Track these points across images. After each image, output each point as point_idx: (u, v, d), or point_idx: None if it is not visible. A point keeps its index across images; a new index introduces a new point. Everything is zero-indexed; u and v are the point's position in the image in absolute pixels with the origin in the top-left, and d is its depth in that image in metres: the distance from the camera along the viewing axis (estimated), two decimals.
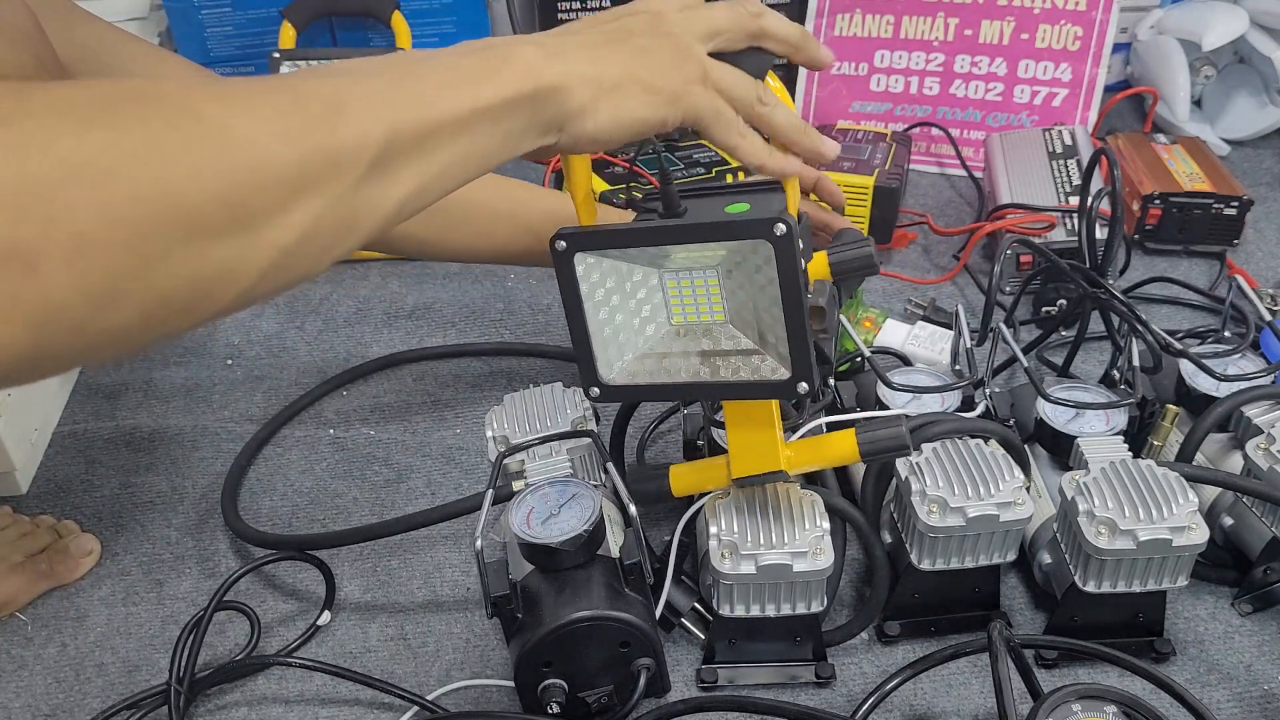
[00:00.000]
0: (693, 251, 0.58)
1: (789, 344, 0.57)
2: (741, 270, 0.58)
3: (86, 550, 0.85)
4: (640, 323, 0.61)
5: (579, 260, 0.57)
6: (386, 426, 0.99)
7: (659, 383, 0.62)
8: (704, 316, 0.61)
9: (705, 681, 0.73)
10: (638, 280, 0.60)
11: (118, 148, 0.34)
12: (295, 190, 0.39)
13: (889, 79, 1.39)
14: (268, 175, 0.38)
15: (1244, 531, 0.77)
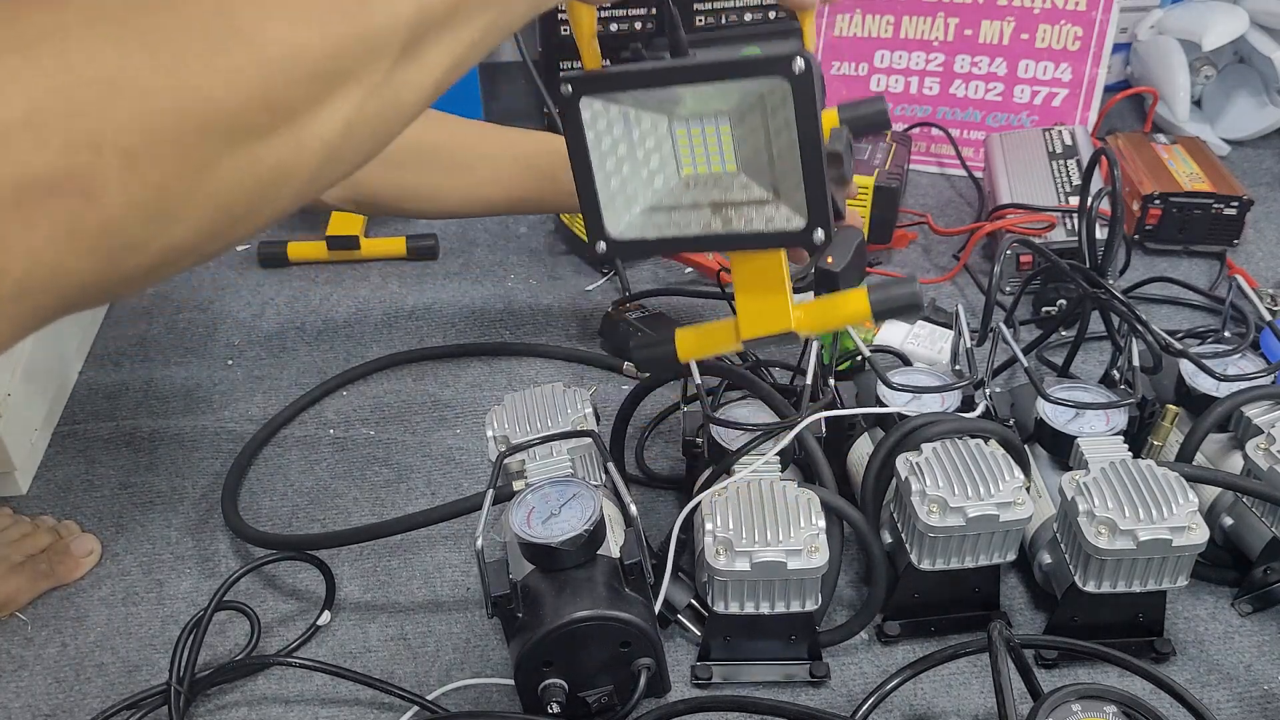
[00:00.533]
0: (704, 96, 0.55)
1: (805, 189, 0.54)
2: (755, 114, 0.55)
3: (87, 550, 0.85)
4: (649, 174, 0.59)
5: (585, 106, 0.55)
6: (386, 426, 0.99)
7: (668, 236, 0.59)
8: (715, 167, 0.59)
9: (700, 678, 0.73)
10: (645, 129, 0.58)
11: (156, 60, 0.34)
12: (333, 81, 0.39)
13: (889, 79, 1.39)
14: (304, 70, 0.38)
15: (1244, 531, 0.77)
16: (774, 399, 0.77)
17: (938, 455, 0.72)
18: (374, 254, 1.23)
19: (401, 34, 0.41)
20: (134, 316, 1.15)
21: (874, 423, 0.83)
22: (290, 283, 1.20)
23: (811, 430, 0.76)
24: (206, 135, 0.35)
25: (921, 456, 0.72)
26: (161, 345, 1.11)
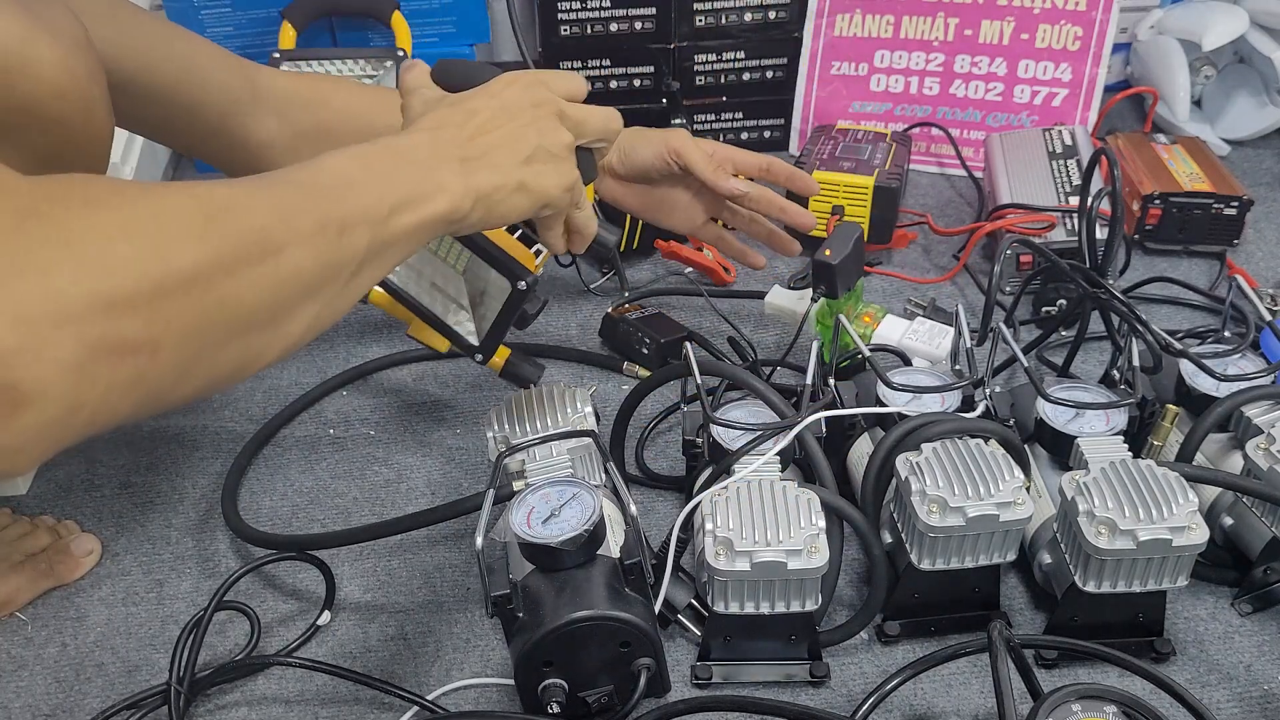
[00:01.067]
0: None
1: (488, 333, 0.81)
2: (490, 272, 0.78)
3: (87, 550, 0.85)
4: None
5: None
6: (386, 426, 0.99)
7: (403, 289, 0.80)
8: (450, 259, 0.82)
9: (700, 678, 0.73)
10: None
11: (215, 265, 0.45)
12: (312, 293, 0.51)
13: (889, 79, 1.39)
14: (299, 285, 0.50)
15: (1244, 531, 0.77)
16: (773, 399, 0.77)
17: (938, 455, 0.72)
18: None
19: (358, 259, 0.54)
20: None
21: (874, 423, 0.83)
22: None
23: (811, 430, 0.76)
24: (233, 326, 0.47)
25: (921, 456, 0.72)
26: None
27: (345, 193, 0.54)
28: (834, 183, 1.16)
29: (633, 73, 1.37)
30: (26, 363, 0.38)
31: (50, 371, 0.39)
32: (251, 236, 0.47)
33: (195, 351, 0.45)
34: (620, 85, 1.38)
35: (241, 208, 0.48)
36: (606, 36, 1.35)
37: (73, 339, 0.39)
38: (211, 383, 0.48)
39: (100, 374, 0.40)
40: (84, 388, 0.40)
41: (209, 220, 0.46)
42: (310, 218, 0.51)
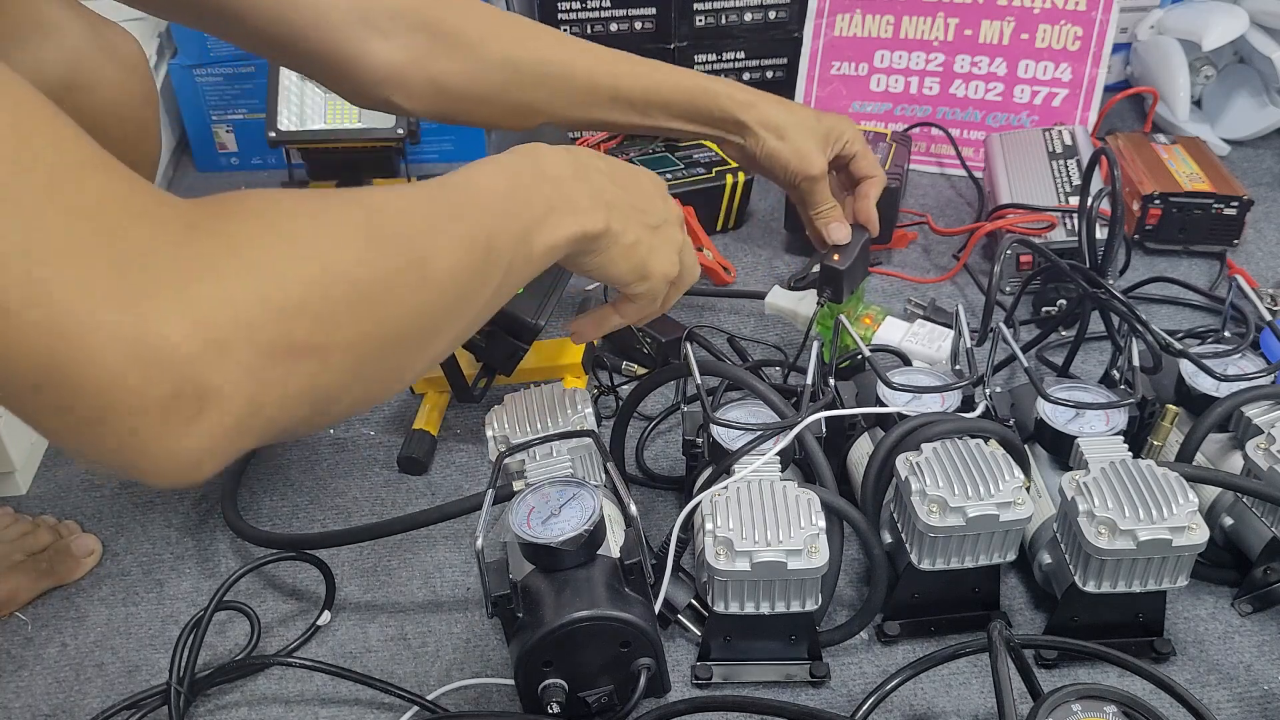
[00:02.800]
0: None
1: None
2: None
3: (87, 550, 0.85)
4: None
5: None
6: (386, 426, 0.99)
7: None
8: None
9: (700, 678, 0.73)
10: None
11: (374, 275, 0.46)
12: (458, 307, 0.52)
13: (889, 79, 1.39)
14: (449, 297, 0.51)
15: (1244, 531, 0.77)
16: (774, 399, 0.77)
17: (938, 455, 0.72)
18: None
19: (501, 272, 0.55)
20: None
21: (874, 423, 0.83)
22: None
23: (811, 430, 0.76)
24: (387, 337, 0.47)
25: (921, 456, 0.72)
26: None
27: (494, 208, 0.55)
28: None
29: None
30: (208, 366, 0.39)
31: (230, 375, 0.39)
32: (408, 246, 0.48)
33: (359, 360, 0.45)
34: None
35: (398, 219, 0.49)
36: (606, 36, 1.35)
37: (249, 343, 0.40)
38: (369, 395, 0.49)
39: (276, 378, 0.41)
40: (262, 391, 0.41)
41: (370, 230, 0.47)
42: (462, 231, 0.52)
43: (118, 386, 0.37)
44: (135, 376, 0.37)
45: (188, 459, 0.39)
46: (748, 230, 1.27)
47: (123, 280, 0.37)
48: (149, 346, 0.37)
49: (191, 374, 0.38)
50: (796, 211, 0.98)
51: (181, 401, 0.38)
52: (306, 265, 0.43)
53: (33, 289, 0.35)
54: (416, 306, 0.49)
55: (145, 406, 0.38)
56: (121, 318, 0.37)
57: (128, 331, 0.37)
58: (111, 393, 0.37)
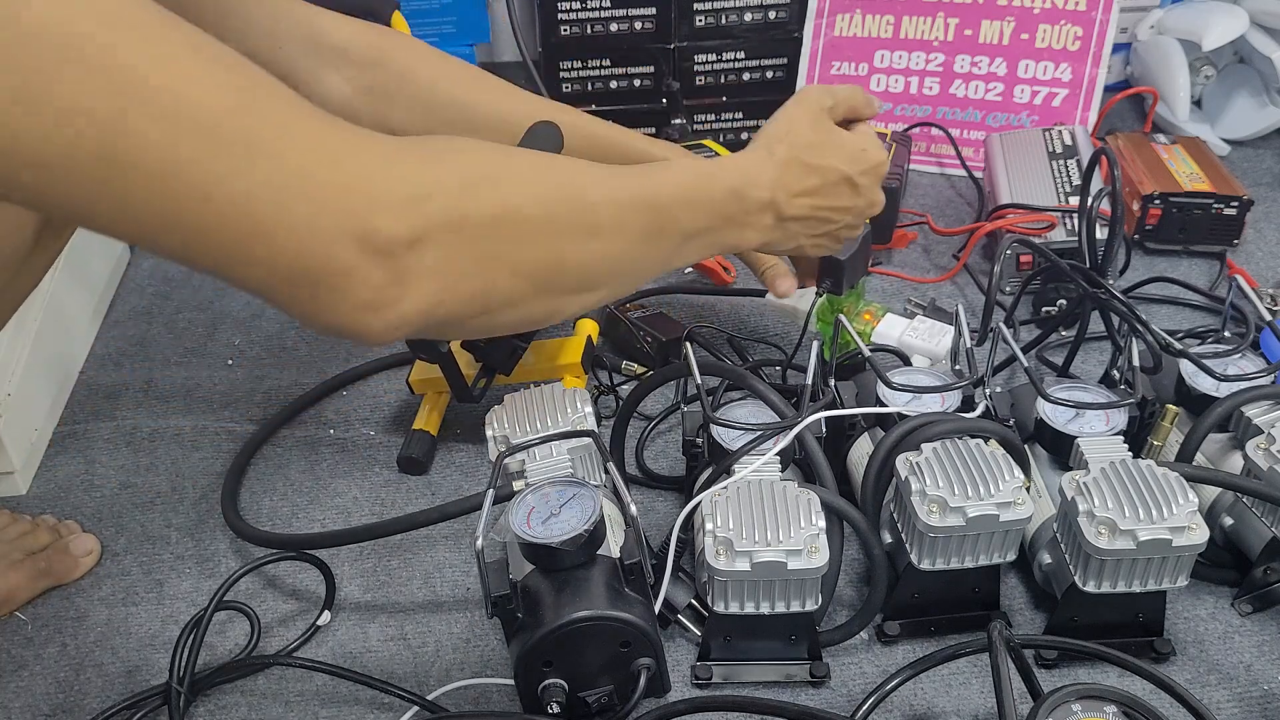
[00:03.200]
0: None
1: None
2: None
3: (86, 550, 0.85)
4: None
5: None
6: (386, 426, 0.99)
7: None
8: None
9: (700, 678, 0.73)
10: None
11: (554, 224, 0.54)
12: (614, 277, 0.60)
13: (889, 79, 1.39)
14: (610, 268, 0.58)
15: (1244, 531, 0.77)
16: (774, 399, 0.77)
17: (938, 455, 0.72)
18: None
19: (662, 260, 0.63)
20: (134, 316, 1.15)
21: (874, 423, 0.83)
22: None
23: (811, 430, 0.76)
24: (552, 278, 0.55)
25: (921, 456, 0.72)
26: (161, 345, 1.11)
27: (677, 204, 0.61)
28: None
29: (633, 73, 1.37)
30: (413, 262, 0.48)
31: (427, 271, 0.48)
32: (587, 217, 0.56)
33: (525, 287, 0.53)
34: (620, 85, 1.38)
35: (591, 191, 0.56)
36: (606, 36, 1.35)
37: (447, 248, 0.49)
38: (529, 319, 0.57)
39: (461, 280, 0.50)
40: (448, 289, 0.50)
41: (558, 187, 0.55)
42: (638, 216, 0.59)
43: (344, 273, 0.46)
44: (357, 265, 0.46)
45: (382, 329, 0.49)
46: None
47: (351, 193, 0.46)
48: (371, 244, 0.46)
49: (399, 267, 0.47)
50: None
51: (387, 288, 0.48)
52: (502, 196, 0.51)
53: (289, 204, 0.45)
54: (577, 265, 0.56)
55: (360, 288, 0.47)
56: (351, 222, 0.46)
57: (355, 230, 0.46)
58: (337, 276, 0.46)
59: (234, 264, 0.46)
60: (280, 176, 0.44)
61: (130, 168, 0.41)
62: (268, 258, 0.45)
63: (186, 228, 0.44)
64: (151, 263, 1.24)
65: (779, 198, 0.67)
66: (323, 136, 0.47)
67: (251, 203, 0.44)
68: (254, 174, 0.44)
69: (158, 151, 0.42)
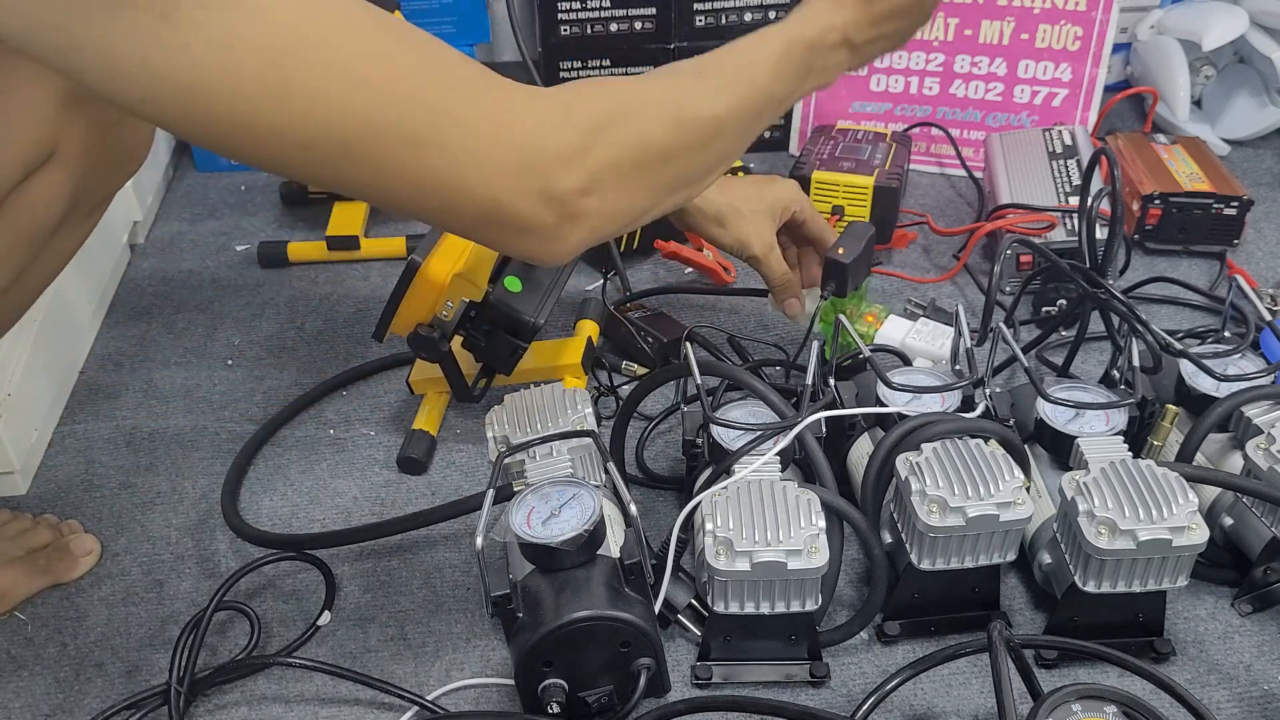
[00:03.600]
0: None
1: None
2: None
3: (87, 550, 0.85)
4: None
5: None
6: (386, 426, 0.99)
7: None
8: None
9: (700, 678, 0.73)
10: None
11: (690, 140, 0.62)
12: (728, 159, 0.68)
13: (889, 79, 1.39)
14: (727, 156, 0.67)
15: (1244, 531, 0.77)
16: (773, 399, 0.77)
17: (938, 455, 0.72)
18: (374, 254, 1.23)
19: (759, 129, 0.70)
20: (134, 316, 1.15)
21: (874, 423, 0.83)
22: (290, 283, 1.20)
23: (811, 430, 0.76)
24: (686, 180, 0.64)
25: (921, 456, 0.72)
26: (161, 345, 1.11)
27: (772, 81, 0.67)
28: (834, 183, 1.16)
29: (633, 73, 1.37)
30: (584, 199, 0.57)
31: (593, 205, 0.57)
32: (708, 124, 0.63)
33: (663, 193, 0.62)
34: None
35: (708, 103, 0.63)
36: (606, 36, 1.35)
37: (609, 185, 0.58)
38: (659, 215, 0.64)
39: (618, 206, 0.59)
40: (610, 213, 0.59)
41: (680, 107, 0.62)
42: (747, 108, 0.66)
43: (529, 220, 0.56)
44: (539, 214, 0.56)
45: (559, 253, 0.59)
46: None
47: (529, 153, 0.55)
48: (549, 195, 0.55)
49: (573, 211, 0.56)
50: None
51: (565, 226, 0.57)
52: (640, 131, 0.59)
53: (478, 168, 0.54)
54: (704, 166, 0.65)
55: (542, 230, 0.57)
56: (531, 180, 0.55)
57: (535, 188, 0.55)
58: (520, 219, 0.56)
59: (442, 215, 0.56)
60: (470, 142, 0.53)
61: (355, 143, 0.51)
62: (467, 210, 0.55)
63: (397, 192, 0.54)
64: (151, 263, 1.24)
65: (851, 35, 0.72)
66: (498, 101, 0.55)
67: (451, 169, 0.53)
68: (448, 144, 0.53)
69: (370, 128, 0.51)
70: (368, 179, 0.53)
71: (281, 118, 0.49)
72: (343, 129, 0.50)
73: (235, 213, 1.33)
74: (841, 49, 0.72)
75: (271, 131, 0.49)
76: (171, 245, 1.28)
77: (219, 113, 0.48)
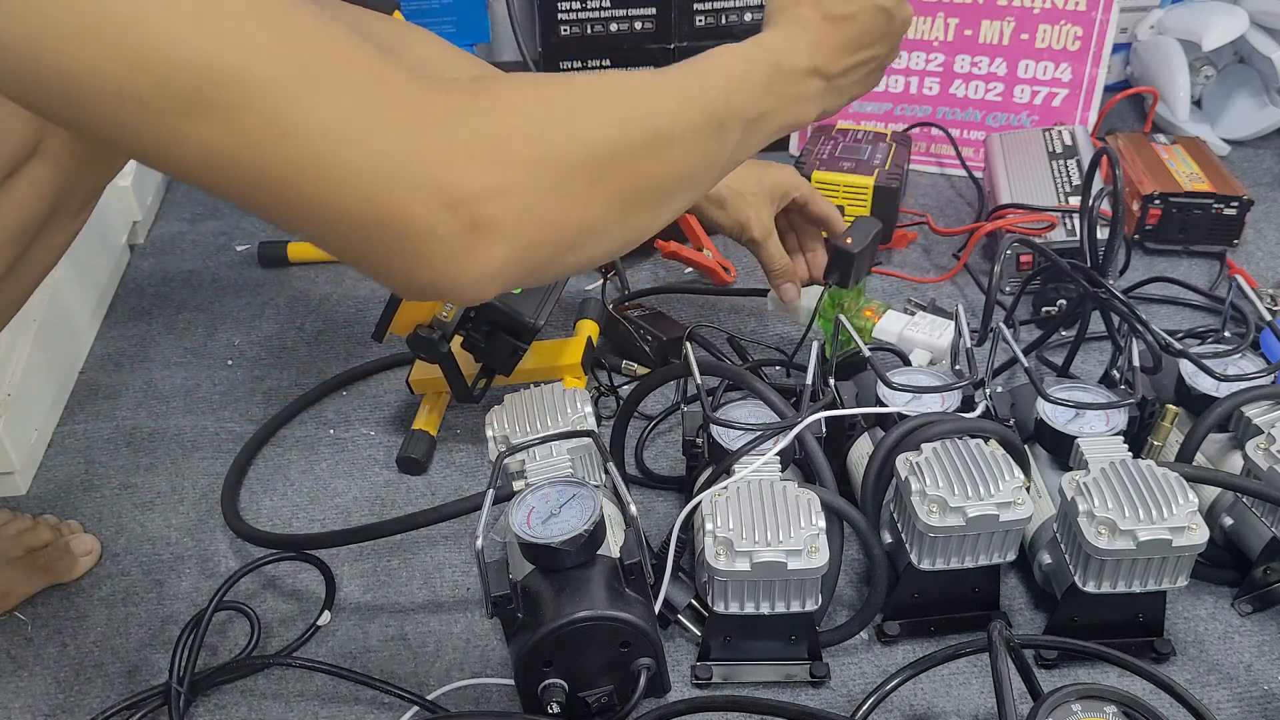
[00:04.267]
0: None
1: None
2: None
3: (87, 549, 0.85)
4: None
5: None
6: (386, 426, 0.99)
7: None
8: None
9: (700, 678, 0.73)
10: None
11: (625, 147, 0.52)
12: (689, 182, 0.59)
13: (889, 79, 1.39)
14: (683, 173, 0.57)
15: (1244, 531, 0.77)
16: (774, 399, 0.77)
17: (938, 455, 0.72)
18: None
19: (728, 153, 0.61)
20: (134, 316, 1.15)
21: (874, 423, 0.83)
22: (290, 283, 1.20)
23: (811, 430, 0.76)
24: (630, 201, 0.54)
25: (921, 456, 0.72)
26: (161, 345, 1.11)
27: (730, 92, 0.60)
28: (834, 183, 1.16)
29: None
30: (492, 206, 0.46)
31: (510, 214, 0.47)
32: (654, 124, 0.54)
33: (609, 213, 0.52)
34: None
35: (655, 101, 0.55)
36: (606, 36, 1.35)
37: (529, 190, 0.47)
38: (614, 247, 0.55)
39: (547, 219, 0.49)
40: (535, 230, 0.48)
41: (624, 107, 0.53)
42: (700, 113, 0.57)
43: (419, 222, 0.45)
44: (434, 214, 0.45)
45: (463, 276, 0.47)
46: None
47: (425, 139, 0.45)
48: (446, 191, 0.45)
49: (479, 217, 0.46)
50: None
51: (469, 235, 0.46)
52: (573, 130, 0.50)
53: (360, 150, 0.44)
54: (654, 179, 0.55)
55: (440, 237, 0.45)
56: (428, 169, 0.45)
57: (432, 180, 0.45)
58: (413, 225, 0.45)
59: (304, 218, 0.46)
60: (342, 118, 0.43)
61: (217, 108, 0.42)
62: (349, 213, 0.45)
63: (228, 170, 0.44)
64: (151, 263, 1.24)
65: (820, 62, 0.66)
66: (397, 85, 0.46)
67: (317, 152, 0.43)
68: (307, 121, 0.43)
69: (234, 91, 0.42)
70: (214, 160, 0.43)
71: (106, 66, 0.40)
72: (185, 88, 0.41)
73: (235, 213, 1.33)
74: (813, 78, 0.66)
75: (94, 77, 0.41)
76: (171, 245, 1.28)
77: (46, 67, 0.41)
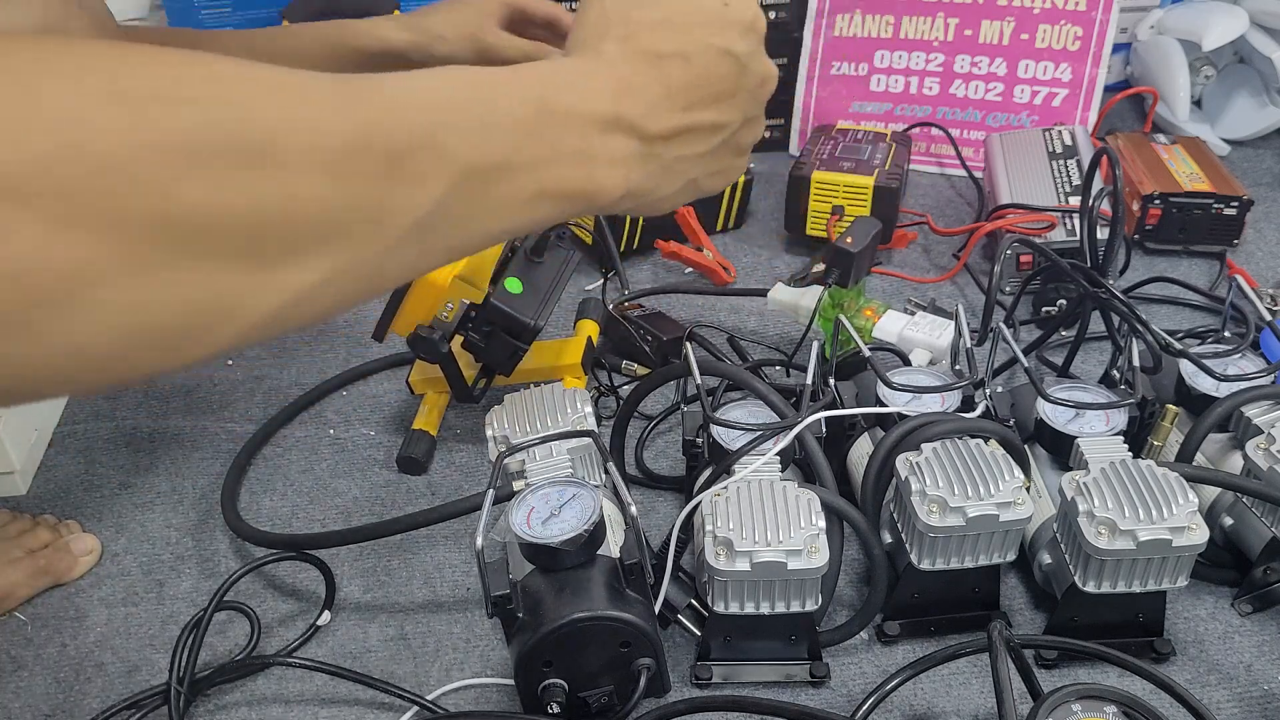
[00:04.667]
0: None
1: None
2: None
3: (87, 549, 0.85)
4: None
5: None
6: (386, 426, 0.99)
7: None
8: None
9: (700, 678, 0.73)
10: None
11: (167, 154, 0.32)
12: (329, 237, 0.36)
13: (889, 79, 1.39)
14: (305, 218, 0.35)
15: (1244, 531, 0.77)
16: (774, 399, 0.77)
17: (938, 455, 0.72)
18: None
19: (426, 209, 0.38)
20: None
21: (874, 423, 0.83)
22: None
23: (811, 430, 0.76)
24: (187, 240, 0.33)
25: (921, 456, 0.72)
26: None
27: (438, 122, 0.39)
28: (834, 183, 1.16)
29: None
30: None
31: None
32: (243, 133, 0.34)
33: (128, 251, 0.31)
34: None
35: (241, 96, 0.34)
36: None
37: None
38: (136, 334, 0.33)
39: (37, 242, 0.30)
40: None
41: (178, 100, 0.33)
42: (341, 138, 0.36)
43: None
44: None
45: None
46: (748, 230, 1.28)
47: None
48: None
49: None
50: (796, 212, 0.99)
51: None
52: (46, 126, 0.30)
53: None
54: (235, 208, 0.33)
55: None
56: None
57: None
58: None
59: None
60: None
61: None
62: None
63: None
64: None
65: (629, 111, 0.46)
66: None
67: None
68: None
69: None
70: None
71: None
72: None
73: None
74: (616, 133, 0.46)
75: None
76: None
77: None
